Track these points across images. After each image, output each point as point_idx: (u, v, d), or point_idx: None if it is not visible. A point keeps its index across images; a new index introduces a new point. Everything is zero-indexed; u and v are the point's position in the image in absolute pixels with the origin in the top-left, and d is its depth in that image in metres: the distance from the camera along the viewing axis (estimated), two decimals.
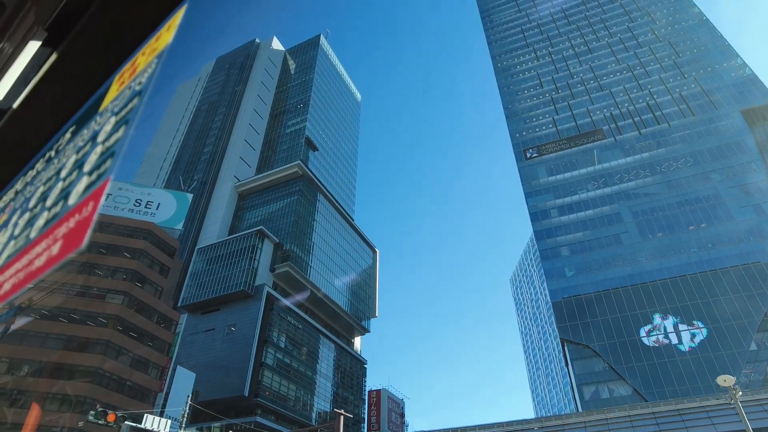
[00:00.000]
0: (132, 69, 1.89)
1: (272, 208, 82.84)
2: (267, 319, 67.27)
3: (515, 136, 79.86)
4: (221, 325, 67.03)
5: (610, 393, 53.58)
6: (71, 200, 1.59)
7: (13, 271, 1.67)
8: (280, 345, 68.38)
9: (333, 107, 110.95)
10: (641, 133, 71.41)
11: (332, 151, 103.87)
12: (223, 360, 62.81)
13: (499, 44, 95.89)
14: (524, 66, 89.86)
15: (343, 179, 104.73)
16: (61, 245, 1.42)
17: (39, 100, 2.16)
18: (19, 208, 2.16)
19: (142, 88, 1.68)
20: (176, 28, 1.74)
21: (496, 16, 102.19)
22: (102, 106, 1.96)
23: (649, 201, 64.78)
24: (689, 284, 56.18)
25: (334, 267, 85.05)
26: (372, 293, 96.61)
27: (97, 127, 1.85)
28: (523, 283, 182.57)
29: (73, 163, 1.83)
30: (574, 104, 79.82)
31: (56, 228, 1.54)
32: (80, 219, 1.42)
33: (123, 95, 1.80)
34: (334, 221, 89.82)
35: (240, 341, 64.17)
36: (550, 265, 64.93)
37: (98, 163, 1.58)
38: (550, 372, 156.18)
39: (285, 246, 76.18)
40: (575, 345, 58.22)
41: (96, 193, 1.44)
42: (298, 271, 74.40)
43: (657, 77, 76.22)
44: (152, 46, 1.83)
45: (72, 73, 2.11)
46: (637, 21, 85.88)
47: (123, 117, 1.65)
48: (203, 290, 70.67)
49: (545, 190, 71.66)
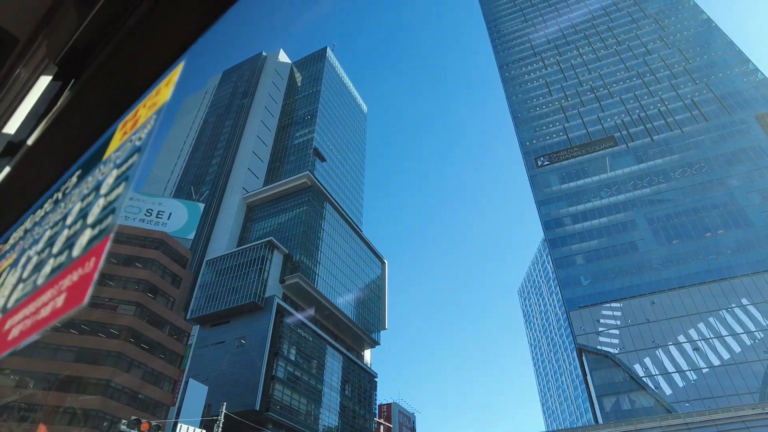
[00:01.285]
0: (134, 120, 1.93)
1: (281, 219, 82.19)
2: (277, 332, 66.17)
3: (525, 144, 79.31)
4: (231, 338, 65.95)
5: (632, 404, 52.14)
6: (75, 252, 1.60)
7: (21, 316, 1.67)
8: (291, 358, 67.18)
9: (340, 119, 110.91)
10: (654, 140, 70.72)
11: (340, 162, 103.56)
12: (232, 373, 61.63)
13: (506, 54, 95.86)
14: (533, 75, 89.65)
15: (350, 190, 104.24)
16: (65, 298, 1.43)
17: (50, 138, 2.17)
18: (28, 248, 2.17)
19: (141, 145, 1.72)
20: (174, 84, 1.78)
21: (503, 26, 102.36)
22: (106, 155, 1.99)
23: (664, 207, 63.84)
24: (709, 292, 54.99)
25: (343, 278, 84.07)
26: (381, 305, 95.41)
27: (100, 177, 1.88)
28: (532, 294, 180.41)
29: (78, 212, 1.86)
30: (584, 112, 79.33)
31: (61, 279, 1.55)
32: (83, 274, 1.43)
33: (125, 147, 1.84)
34: (342, 232, 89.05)
35: (250, 354, 63.04)
36: (565, 273, 63.87)
37: (100, 217, 1.60)
38: (561, 384, 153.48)
39: (294, 257, 75.33)
40: (593, 355, 56.90)
41: (97, 250, 1.46)
42: (308, 282, 73.44)
43: (668, 84, 75.74)
44: (152, 99, 1.86)
45: (82, 110, 2.10)
46: (645, 29, 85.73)
47: (123, 172, 1.68)
48: (212, 302, 69.72)
49: (558, 198, 70.86)
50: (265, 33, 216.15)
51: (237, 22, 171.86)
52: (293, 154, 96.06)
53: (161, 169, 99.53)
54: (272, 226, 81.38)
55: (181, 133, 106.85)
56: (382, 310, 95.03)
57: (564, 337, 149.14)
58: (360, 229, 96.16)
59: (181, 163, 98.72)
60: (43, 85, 2.28)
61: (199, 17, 1.75)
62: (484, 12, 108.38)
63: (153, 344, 40.84)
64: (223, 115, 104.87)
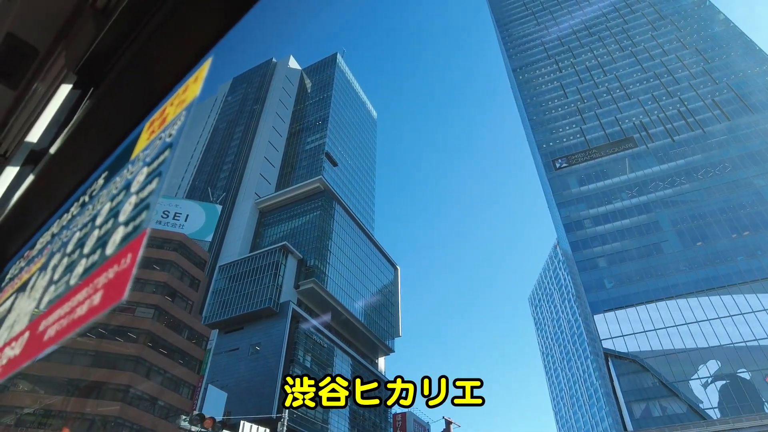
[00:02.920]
0: (161, 118, 1.93)
1: (294, 224, 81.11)
2: (293, 338, 64.73)
3: (542, 147, 78.12)
4: (245, 345, 64.54)
5: (663, 410, 50.27)
6: (109, 250, 1.61)
7: (56, 317, 1.67)
8: (306, 365, 65.65)
9: (351, 124, 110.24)
10: (675, 140, 69.40)
11: (351, 168, 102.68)
12: (247, 381, 60.12)
13: (519, 57, 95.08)
14: (547, 77, 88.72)
15: (362, 196, 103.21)
16: (103, 295, 1.44)
17: (72, 143, 2.19)
18: (57, 251, 2.15)
19: (173, 141, 1.71)
20: (203, 80, 1.77)
21: (515, 30, 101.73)
22: (133, 155, 1.99)
23: (689, 209, 62.33)
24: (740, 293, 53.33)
25: (357, 284, 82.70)
26: (395, 312, 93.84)
27: (129, 176, 1.87)
28: (543, 301, 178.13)
29: (108, 211, 1.86)
30: (601, 113, 78.20)
31: (96, 277, 1.56)
32: (119, 270, 1.44)
33: (154, 145, 1.83)
34: (356, 237, 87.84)
35: (266, 361, 61.58)
36: (588, 276, 62.28)
37: (134, 214, 1.60)
38: (575, 393, 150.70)
39: (308, 262, 74.10)
40: (620, 360, 55.14)
41: (134, 245, 1.46)
42: (323, 288, 72.12)
43: (686, 84, 74.58)
44: (180, 97, 1.86)
45: (103, 117, 2.12)
46: (660, 30, 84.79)
47: (155, 169, 1.67)
48: (226, 309, 68.43)
49: (577, 200, 69.47)
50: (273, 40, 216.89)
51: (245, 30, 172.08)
52: (305, 159, 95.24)
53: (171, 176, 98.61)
54: (285, 231, 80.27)
55: (190, 140, 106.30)
56: (396, 316, 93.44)
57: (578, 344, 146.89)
58: (372, 235, 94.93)
59: (191, 170, 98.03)
60: (63, 94, 2.29)
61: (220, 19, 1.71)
62: (495, 16, 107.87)
63: (172, 349, 39.56)
64: (233, 121, 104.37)
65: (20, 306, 2.17)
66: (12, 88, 2.43)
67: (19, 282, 2.41)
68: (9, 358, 1.89)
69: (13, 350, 1.88)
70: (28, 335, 1.82)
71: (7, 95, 2.46)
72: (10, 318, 2.20)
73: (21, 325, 1.98)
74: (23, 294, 2.23)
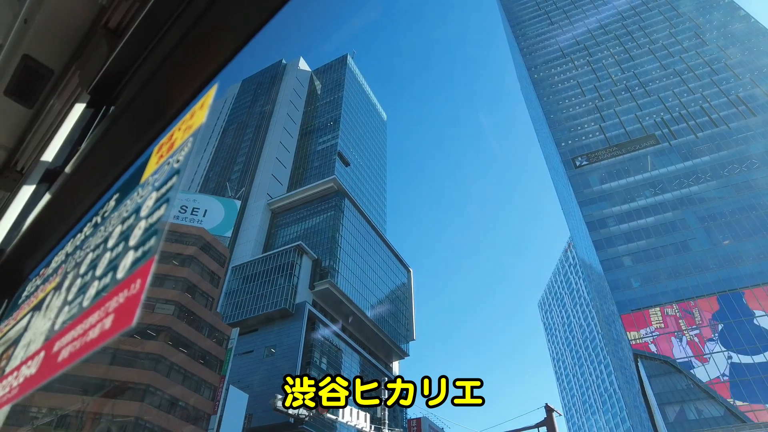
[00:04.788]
0: (170, 143, 1.95)
1: (307, 224, 79.60)
2: (309, 340, 62.98)
3: (560, 145, 76.65)
4: (260, 347, 62.74)
5: (699, 413, 48.33)
6: (119, 274, 1.64)
7: (69, 338, 1.70)
8: (323, 367, 63.82)
9: (361, 126, 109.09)
10: (698, 137, 67.88)
11: (362, 169, 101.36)
12: (263, 383, 58.20)
13: (534, 56, 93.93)
14: (563, 76, 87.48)
15: (373, 197, 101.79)
16: (113, 320, 1.46)
17: (87, 165, 2.21)
18: (71, 271, 2.18)
19: (180, 167, 1.75)
20: (209, 107, 1.81)
21: (528, 29, 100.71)
22: (143, 178, 2.02)
23: (717, 205, 60.65)
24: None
25: (372, 286, 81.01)
26: (409, 315, 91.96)
27: (139, 200, 1.90)
28: (554, 307, 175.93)
29: (119, 234, 1.89)
30: (620, 111, 76.79)
31: (107, 300, 1.59)
32: (129, 295, 1.46)
33: (162, 170, 1.86)
34: (369, 238, 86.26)
35: (282, 363, 59.78)
36: (614, 276, 60.51)
37: (143, 239, 1.63)
38: (587, 399, 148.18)
39: (323, 262, 72.47)
40: (651, 361, 53.24)
41: (143, 271, 1.48)
42: (338, 289, 70.45)
43: (708, 80, 73.17)
44: (188, 122, 1.89)
45: (116, 137, 2.14)
46: (679, 27, 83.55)
47: (164, 195, 1.71)
48: (240, 310, 66.75)
49: (599, 199, 67.88)
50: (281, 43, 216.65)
51: None
52: (316, 160, 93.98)
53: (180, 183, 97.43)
54: (298, 231, 78.73)
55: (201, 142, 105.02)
56: (410, 319, 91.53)
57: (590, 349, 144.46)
58: (385, 237, 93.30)
59: (201, 172, 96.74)
60: (77, 114, 2.31)
61: (230, 42, 1.74)
62: (507, 16, 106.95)
63: (192, 347, 37.90)
64: (244, 122, 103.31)
65: (36, 325, 2.14)
66: (28, 107, 2.48)
67: (35, 300, 2.40)
68: (26, 377, 1.85)
69: (30, 369, 1.85)
70: (44, 355, 1.81)
71: (24, 114, 2.52)
72: (26, 336, 2.17)
73: (37, 344, 1.96)
74: (39, 313, 2.21)
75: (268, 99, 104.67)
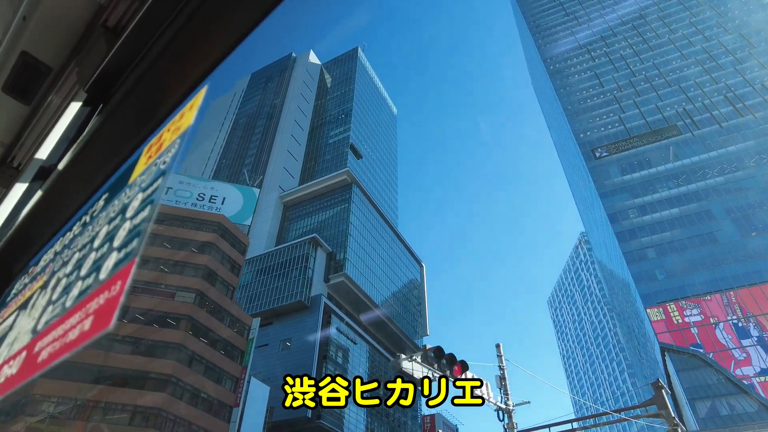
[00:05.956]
0: (158, 143, 1.96)
1: (320, 217, 78.29)
2: (324, 333, 61.67)
3: (579, 136, 75.16)
4: (275, 340, 61.46)
5: (731, 409, 46.84)
6: (102, 275, 1.65)
7: (50, 339, 1.70)
8: (338, 362, 62.54)
9: (372, 119, 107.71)
10: (722, 127, 66.27)
11: (374, 162, 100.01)
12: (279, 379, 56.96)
13: (549, 47, 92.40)
14: (579, 67, 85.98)
15: (385, 191, 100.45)
16: (93, 321, 1.46)
17: (79, 163, 2.21)
18: (58, 270, 2.17)
19: (166, 168, 1.76)
20: (198, 108, 1.83)
21: (542, 21, 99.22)
22: (131, 178, 2.02)
23: (744, 196, 59.11)
24: None
25: (386, 280, 79.66)
26: (422, 310, 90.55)
27: (126, 200, 1.91)
28: (564, 303, 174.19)
29: (105, 234, 1.89)
30: (640, 102, 75.22)
31: (89, 302, 1.59)
32: (109, 297, 1.46)
33: (150, 171, 1.88)
34: (383, 232, 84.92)
35: (298, 357, 58.50)
36: (638, 268, 59.02)
37: (126, 240, 1.65)
38: (599, 397, 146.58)
39: (337, 255, 71.16)
40: (679, 354, 51.77)
41: (123, 273, 1.48)
42: (353, 282, 69.15)
43: (732, 69, 71.53)
44: (176, 123, 1.90)
45: (108, 136, 2.14)
46: (699, 16, 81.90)
47: (149, 196, 1.73)
48: (253, 303, 65.47)
49: (621, 190, 66.41)
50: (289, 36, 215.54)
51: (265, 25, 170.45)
52: (328, 153, 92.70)
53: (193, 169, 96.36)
54: (311, 225, 77.44)
55: (210, 135, 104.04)
56: (423, 315, 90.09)
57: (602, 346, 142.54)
58: (398, 231, 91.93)
59: (211, 165, 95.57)
60: (74, 111, 2.31)
61: (222, 43, 1.75)
62: (522, 8, 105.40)
63: (213, 337, 36.66)
64: (254, 115, 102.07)
65: (21, 324, 2.12)
66: (26, 104, 2.47)
67: (22, 299, 2.38)
68: (6, 376, 1.85)
69: (11, 369, 1.85)
70: (25, 355, 1.80)
71: (22, 111, 2.51)
72: (11, 335, 2.15)
73: (20, 343, 1.95)
74: (24, 312, 2.19)
75: (278, 92, 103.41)
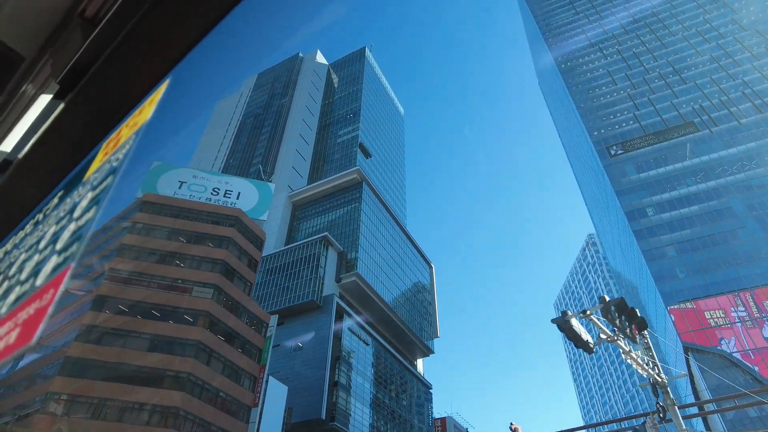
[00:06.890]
0: (116, 139, 1.91)
1: (330, 216, 77.16)
2: (337, 333, 60.41)
3: (593, 134, 74.10)
4: (287, 340, 60.21)
5: (760, 410, 45.49)
6: (39, 280, 1.58)
7: None
8: (351, 362, 61.25)
9: (380, 119, 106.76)
10: (741, 123, 65.18)
11: (382, 163, 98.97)
12: (292, 379, 55.64)
13: (560, 46, 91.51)
14: (592, 65, 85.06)
15: (394, 191, 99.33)
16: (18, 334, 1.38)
17: (37, 156, 2.13)
18: (2, 273, 2.06)
19: (117, 166, 1.70)
20: (156, 104, 1.77)
21: (553, 20, 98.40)
22: (86, 176, 1.95)
23: (765, 193, 57.94)
24: None
25: (396, 280, 78.39)
26: (432, 311, 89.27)
27: (77, 199, 1.83)
28: (570, 306, 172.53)
29: (51, 236, 1.81)
30: (655, 99, 74.20)
31: (20, 311, 1.51)
32: (39, 307, 1.40)
33: (103, 168, 1.81)
34: (393, 232, 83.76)
35: (311, 357, 57.24)
36: (657, 266, 57.79)
37: (68, 243, 1.58)
38: (607, 401, 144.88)
39: (348, 255, 69.97)
40: (703, 354, 50.46)
41: (57, 280, 1.42)
42: (365, 282, 67.90)
43: (749, 66, 70.55)
44: (135, 118, 1.85)
45: (68, 131, 2.06)
46: (713, 13, 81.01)
47: (96, 195, 1.66)
48: (264, 303, 64.18)
49: (638, 188, 65.28)
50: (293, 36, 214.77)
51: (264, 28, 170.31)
52: (336, 152, 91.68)
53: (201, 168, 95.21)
54: (321, 224, 76.33)
55: (217, 136, 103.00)
56: (433, 316, 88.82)
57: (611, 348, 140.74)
58: (408, 231, 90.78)
59: (218, 164, 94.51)
60: (43, 103, 2.24)
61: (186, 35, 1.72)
62: (531, 7, 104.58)
63: (231, 334, 35.45)
64: (261, 115, 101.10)
65: None
66: None
67: None
68: None
69: None
70: None
71: None
72: None
73: None
74: None
75: (285, 92, 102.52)
